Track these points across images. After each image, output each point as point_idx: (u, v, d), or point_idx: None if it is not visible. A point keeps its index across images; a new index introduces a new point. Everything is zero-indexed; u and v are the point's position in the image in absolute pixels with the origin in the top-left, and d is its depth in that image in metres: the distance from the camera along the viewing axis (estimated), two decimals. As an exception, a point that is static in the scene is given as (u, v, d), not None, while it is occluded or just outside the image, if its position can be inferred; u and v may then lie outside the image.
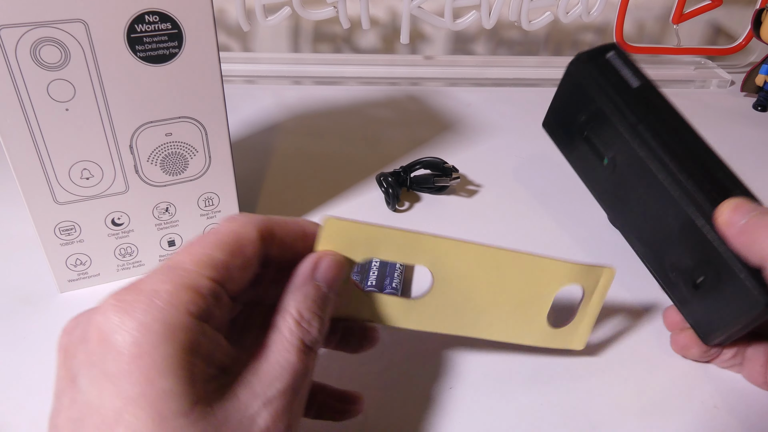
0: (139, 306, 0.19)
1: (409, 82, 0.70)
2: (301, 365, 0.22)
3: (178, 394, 0.19)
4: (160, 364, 0.19)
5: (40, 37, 0.29)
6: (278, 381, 0.22)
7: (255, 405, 0.21)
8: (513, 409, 0.31)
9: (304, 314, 0.23)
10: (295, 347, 0.23)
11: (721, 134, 0.61)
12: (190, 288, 0.20)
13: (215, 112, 0.35)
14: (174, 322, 0.19)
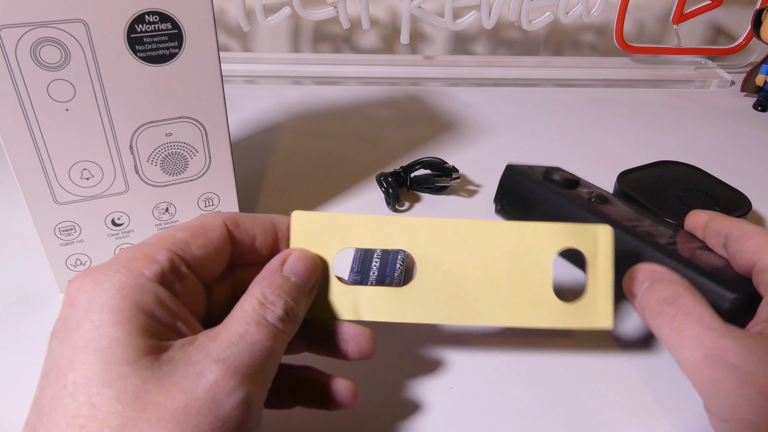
0: (100, 271, 0.22)
1: (409, 82, 0.70)
2: (260, 337, 0.22)
3: (124, 343, 0.20)
4: (109, 316, 0.20)
5: (40, 37, 0.29)
6: (234, 346, 0.21)
7: (205, 363, 0.20)
8: (513, 409, 0.31)
9: (267, 296, 0.24)
10: (255, 321, 0.23)
11: (721, 134, 0.61)
12: (147, 256, 0.22)
13: (215, 112, 0.35)
14: (127, 282, 0.21)
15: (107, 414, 0.19)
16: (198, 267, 0.24)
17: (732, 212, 0.41)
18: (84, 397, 0.19)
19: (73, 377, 0.19)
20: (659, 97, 0.69)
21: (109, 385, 0.19)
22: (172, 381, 0.20)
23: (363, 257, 0.39)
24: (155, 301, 0.21)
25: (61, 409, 0.19)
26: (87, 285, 0.21)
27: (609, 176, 0.47)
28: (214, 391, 0.20)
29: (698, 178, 0.46)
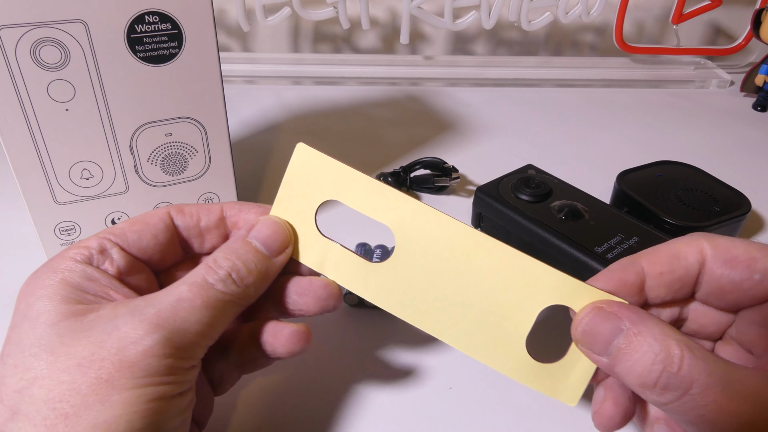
0: (40, 267, 0.24)
1: (409, 82, 0.70)
2: (190, 295, 0.22)
3: (49, 310, 0.21)
4: (40, 292, 0.22)
5: (40, 38, 0.29)
6: (158, 303, 0.22)
7: (124, 318, 0.21)
8: (513, 409, 0.31)
9: (218, 260, 0.24)
10: (192, 282, 0.23)
11: (720, 134, 0.61)
12: (79, 245, 0.24)
13: (215, 112, 0.35)
14: (57, 266, 0.23)
15: (24, 369, 0.20)
16: (138, 251, 0.25)
17: (732, 212, 0.41)
18: (12, 360, 0.21)
19: (7, 348, 0.21)
20: (659, 97, 0.69)
21: (30, 345, 0.21)
22: (86, 334, 0.21)
23: (363, 257, 0.39)
24: (81, 275, 0.23)
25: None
26: (28, 280, 0.23)
27: (609, 176, 0.47)
28: (121, 338, 0.20)
29: (698, 178, 0.46)
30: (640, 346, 0.20)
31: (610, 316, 0.22)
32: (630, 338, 0.21)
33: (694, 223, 0.40)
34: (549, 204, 0.40)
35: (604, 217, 0.39)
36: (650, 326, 0.21)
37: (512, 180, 0.42)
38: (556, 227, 0.38)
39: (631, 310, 0.22)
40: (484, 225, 0.43)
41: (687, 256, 0.23)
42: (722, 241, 0.23)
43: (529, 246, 0.40)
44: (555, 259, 0.38)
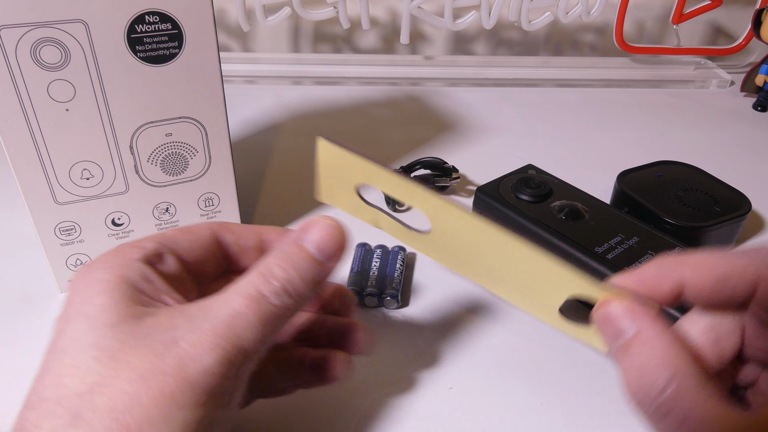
0: (95, 259, 0.24)
1: (409, 82, 0.70)
2: (245, 310, 0.22)
3: (108, 308, 0.21)
4: (97, 287, 0.22)
5: (41, 38, 0.29)
6: (215, 316, 0.21)
7: (182, 328, 0.21)
8: (513, 409, 0.31)
9: (272, 267, 0.23)
10: (246, 292, 0.22)
11: (721, 134, 0.61)
12: (134, 244, 0.24)
13: (215, 112, 0.35)
14: (114, 261, 0.23)
15: (86, 372, 0.20)
16: (187, 260, 0.25)
17: (732, 212, 0.41)
18: (69, 359, 0.21)
19: (62, 344, 0.21)
20: (659, 97, 0.69)
21: (90, 346, 0.21)
22: (146, 343, 0.21)
23: (363, 257, 0.39)
24: (139, 275, 0.23)
25: (50, 371, 0.21)
26: (83, 271, 0.23)
27: (609, 176, 0.47)
28: (182, 355, 0.20)
29: (698, 178, 0.46)
30: (638, 356, 0.20)
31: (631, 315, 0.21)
32: (633, 343, 0.20)
33: (695, 223, 0.40)
34: (549, 204, 0.40)
35: (605, 217, 0.39)
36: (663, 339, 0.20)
37: (512, 180, 0.42)
38: (556, 227, 0.38)
39: (652, 319, 0.21)
40: None
41: (737, 285, 0.21)
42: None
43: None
44: None
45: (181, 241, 0.25)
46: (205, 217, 0.38)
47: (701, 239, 0.40)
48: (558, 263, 0.24)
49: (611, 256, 0.36)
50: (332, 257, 0.24)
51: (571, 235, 0.37)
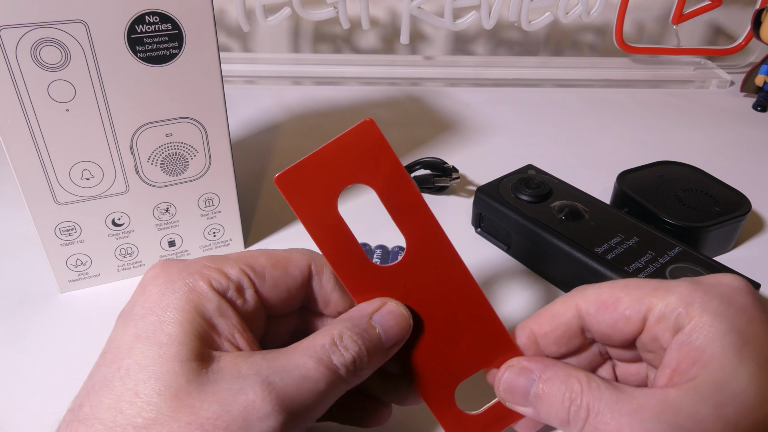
0: (176, 269, 0.23)
1: (409, 83, 0.70)
2: (316, 375, 0.21)
3: (180, 342, 0.21)
4: (173, 314, 0.21)
5: (41, 38, 0.29)
6: (286, 374, 0.21)
7: (250, 380, 0.21)
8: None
9: (344, 338, 0.23)
10: (318, 357, 0.22)
11: (721, 134, 0.61)
12: (220, 270, 0.23)
13: (215, 112, 0.35)
14: (195, 287, 0.22)
15: (146, 404, 0.20)
16: (268, 297, 0.24)
17: (732, 212, 0.41)
18: (132, 383, 0.20)
19: (128, 362, 0.21)
20: (659, 97, 0.69)
21: (156, 378, 0.20)
22: (212, 389, 0.20)
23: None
24: (216, 310, 0.22)
25: (109, 389, 0.20)
26: (161, 278, 0.23)
27: (609, 176, 0.47)
28: (249, 410, 0.20)
29: (698, 178, 0.46)
30: (551, 390, 0.23)
31: (522, 371, 0.25)
32: (541, 385, 0.24)
33: (694, 223, 0.40)
34: (549, 204, 0.40)
35: (604, 217, 0.39)
36: (556, 370, 0.24)
37: (512, 180, 0.42)
38: (556, 227, 0.38)
39: (538, 361, 0.25)
40: (484, 225, 0.43)
41: (564, 314, 0.25)
42: (591, 291, 0.25)
43: (529, 246, 0.40)
44: (555, 259, 0.38)
45: (269, 277, 0.24)
46: (205, 218, 0.38)
47: (701, 239, 0.40)
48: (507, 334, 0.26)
49: (611, 256, 0.36)
50: (392, 345, 0.24)
51: (571, 235, 0.37)
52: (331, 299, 0.26)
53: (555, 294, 0.38)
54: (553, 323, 0.26)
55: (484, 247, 0.43)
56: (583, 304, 0.25)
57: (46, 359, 0.32)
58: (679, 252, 0.36)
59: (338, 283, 0.26)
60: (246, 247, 0.41)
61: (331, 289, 0.26)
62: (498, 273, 0.40)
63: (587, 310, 0.25)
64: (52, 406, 0.30)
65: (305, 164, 0.24)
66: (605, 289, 0.25)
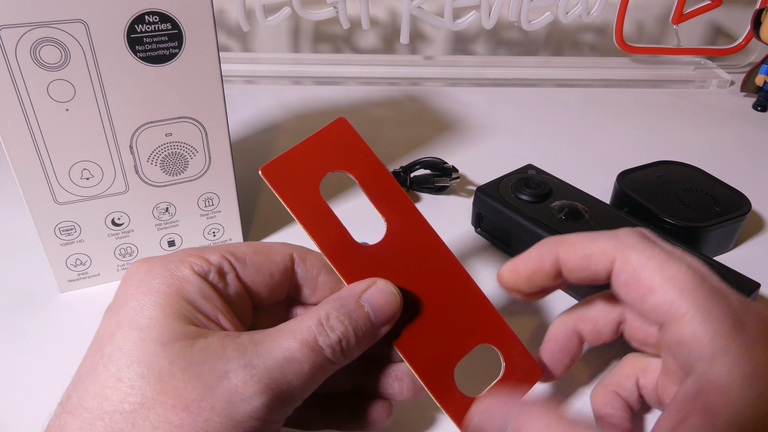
0: (156, 259, 0.23)
1: (409, 82, 0.70)
2: (300, 357, 0.21)
3: (161, 324, 0.21)
4: (153, 298, 0.22)
5: (40, 38, 0.29)
6: (270, 357, 0.21)
7: (234, 363, 0.20)
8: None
9: (331, 318, 0.23)
10: (303, 339, 0.22)
11: (721, 134, 0.61)
12: (201, 256, 0.23)
13: (215, 112, 0.35)
14: (175, 272, 0.22)
15: (130, 388, 0.20)
16: (251, 282, 0.24)
17: (732, 212, 0.41)
18: (114, 368, 0.20)
19: (110, 349, 0.21)
20: (659, 97, 0.69)
21: (138, 362, 0.20)
22: (196, 371, 0.20)
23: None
24: (198, 293, 0.22)
25: (94, 378, 0.20)
26: (142, 268, 0.23)
27: (609, 176, 0.47)
28: (232, 393, 0.20)
29: (698, 178, 0.46)
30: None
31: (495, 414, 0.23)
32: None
33: (694, 223, 0.40)
34: (549, 204, 0.40)
35: (604, 217, 0.39)
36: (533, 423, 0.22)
37: (512, 180, 0.42)
38: (556, 227, 0.38)
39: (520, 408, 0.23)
40: (484, 225, 0.43)
41: (598, 263, 0.25)
42: (635, 257, 0.24)
43: (529, 246, 0.40)
44: None
45: (251, 263, 0.24)
46: (205, 217, 0.38)
47: (701, 239, 0.40)
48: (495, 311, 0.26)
49: None
50: (383, 324, 0.24)
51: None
52: (318, 285, 0.26)
53: (554, 294, 0.38)
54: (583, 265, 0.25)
55: (484, 247, 0.43)
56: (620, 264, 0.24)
57: (46, 359, 0.32)
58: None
59: (324, 268, 0.26)
60: (246, 247, 0.41)
61: (316, 274, 0.26)
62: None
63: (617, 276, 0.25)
64: (52, 406, 0.30)
65: (288, 156, 0.25)
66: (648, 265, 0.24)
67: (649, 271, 0.24)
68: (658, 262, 0.24)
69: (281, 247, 0.26)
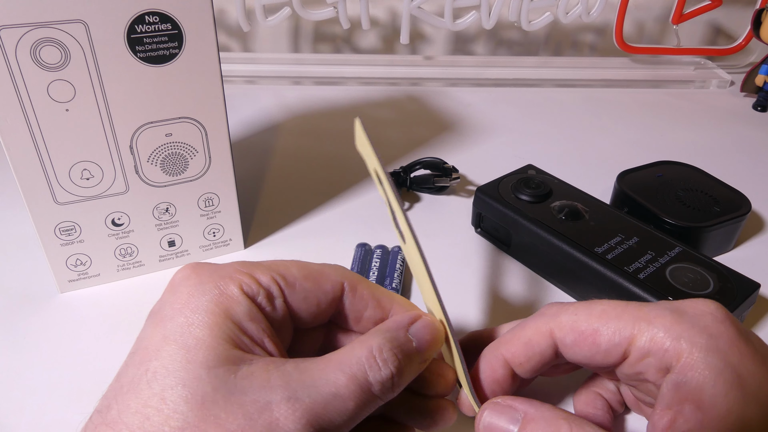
0: (207, 272, 0.23)
1: (409, 82, 0.70)
2: (347, 394, 0.21)
3: (208, 347, 0.20)
4: (202, 317, 0.21)
5: (41, 38, 0.29)
6: (315, 391, 0.20)
7: (279, 395, 0.20)
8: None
9: (384, 351, 0.22)
10: (352, 374, 0.21)
11: (721, 134, 0.61)
12: (251, 275, 0.23)
13: (215, 112, 0.35)
14: (225, 291, 0.22)
15: (173, 412, 0.19)
16: (297, 308, 0.24)
17: (732, 212, 0.41)
18: (159, 388, 0.20)
19: (155, 365, 0.20)
20: (659, 97, 0.69)
21: (183, 384, 0.20)
22: (239, 400, 0.20)
23: (363, 257, 0.39)
24: (246, 314, 0.22)
25: (136, 393, 0.20)
26: (192, 279, 0.22)
27: (609, 176, 0.47)
28: (273, 427, 0.20)
29: (698, 178, 0.46)
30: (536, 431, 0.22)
31: (506, 409, 0.23)
32: (525, 426, 0.22)
33: (694, 223, 0.40)
34: (549, 204, 0.40)
35: (604, 217, 0.39)
36: (542, 411, 0.23)
37: (512, 180, 0.42)
38: (556, 227, 0.38)
39: (522, 401, 0.23)
40: (484, 225, 0.43)
41: (539, 343, 0.25)
42: (566, 319, 0.25)
43: (529, 246, 0.40)
44: (555, 259, 0.38)
45: (300, 288, 0.24)
46: (205, 218, 0.38)
47: (701, 239, 0.40)
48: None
49: (611, 257, 0.36)
50: (426, 359, 0.24)
51: (571, 235, 0.37)
52: (363, 318, 0.26)
53: (555, 294, 0.38)
54: (527, 353, 0.25)
55: (484, 247, 0.43)
56: (559, 332, 0.25)
57: (46, 359, 0.32)
58: (679, 252, 0.36)
59: (372, 300, 0.25)
60: (246, 247, 0.41)
61: (363, 308, 0.25)
62: (498, 273, 0.40)
63: (563, 340, 0.25)
64: (51, 406, 0.30)
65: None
66: (582, 316, 0.24)
67: (585, 321, 0.24)
68: (585, 310, 0.24)
69: (333, 272, 0.25)
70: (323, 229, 0.44)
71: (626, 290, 0.34)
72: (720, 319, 0.23)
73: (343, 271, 0.25)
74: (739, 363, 0.22)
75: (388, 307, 0.26)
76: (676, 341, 0.22)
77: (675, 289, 0.33)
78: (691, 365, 0.22)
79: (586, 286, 0.36)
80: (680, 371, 0.22)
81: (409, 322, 0.24)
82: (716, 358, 0.21)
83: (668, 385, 0.22)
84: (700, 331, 0.22)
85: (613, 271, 0.35)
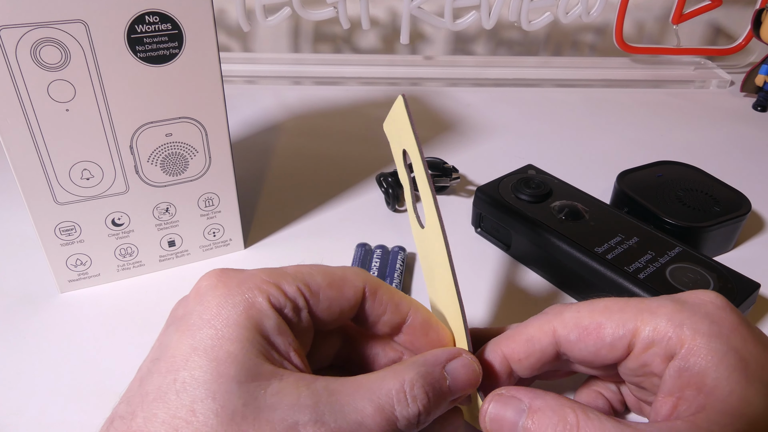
0: (234, 281, 0.22)
1: (409, 82, 0.70)
2: (372, 426, 0.21)
3: (240, 362, 0.20)
4: (232, 331, 0.21)
5: (41, 38, 0.29)
6: (342, 417, 0.20)
7: (306, 416, 0.20)
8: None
9: (415, 386, 0.22)
10: (380, 407, 0.21)
11: (721, 134, 0.61)
12: (278, 286, 0.23)
13: (215, 112, 0.35)
14: (254, 303, 0.22)
15: (203, 425, 0.19)
16: (321, 316, 0.24)
17: (732, 212, 0.41)
18: (188, 400, 0.19)
19: (184, 375, 0.20)
20: (659, 97, 0.69)
21: (213, 397, 0.20)
22: (268, 417, 0.20)
23: (363, 257, 0.39)
24: (275, 328, 0.22)
25: (164, 402, 0.20)
26: (219, 289, 0.22)
27: (609, 176, 0.47)
28: None
29: (698, 178, 0.46)
30: (542, 421, 0.22)
31: (511, 400, 0.23)
32: (531, 416, 0.22)
33: (694, 223, 0.40)
34: (549, 204, 0.40)
35: (604, 217, 0.39)
36: (547, 400, 0.22)
37: (512, 180, 0.42)
38: (556, 227, 0.38)
39: (527, 390, 0.23)
40: (484, 225, 0.43)
41: (540, 340, 0.25)
42: (570, 316, 0.24)
43: (529, 246, 0.40)
44: (555, 259, 0.38)
45: (324, 297, 0.24)
46: (205, 218, 0.38)
47: (701, 239, 0.40)
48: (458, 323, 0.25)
49: (611, 257, 0.36)
50: (456, 400, 0.24)
51: (571, 235, 0.37)
52: (382, 320, 0.26)
53: (555, 294, 0.38)
54: (528, 349, 0.25)
55: (484, 247, 0.43)
56: (562, 329, 0.24)
57: (46, 359, 0.32)
58: (679, 252, 0.36)
59: (390, 305, 0.26)
60: (246, 247, 0.41)
61: (381, 312, 0.25)
62: (498, 273, 0.40)
63: (566, 337, 0.24)
64: (51, 406, 0.30)
65: None
66: (584, 312, 0.24)
67: (588, 316, 0.24)
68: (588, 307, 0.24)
69: (354, 277, 0.25)
70: (323, 229, 0.44)
71: (626, 290, 0.34)
72: (721, 307, 0.23)
73: (364, 275, 0.25)
74: (741, 346, 0.22)
75: (405, 312, 0.26)
76: (679, 328, 0.22)
77: (675, 289, 0.33)
78: (693, 351, 0.22)
79: (586, 286, 0.36)
80: (683, 357, 0.22)
81: (447, 359, 0.24)
82: (719, 343, 0.21)
83: (671, 371, 0.22)
84: (702, 317, 0.22)
85: (613, 271, 0.35)
